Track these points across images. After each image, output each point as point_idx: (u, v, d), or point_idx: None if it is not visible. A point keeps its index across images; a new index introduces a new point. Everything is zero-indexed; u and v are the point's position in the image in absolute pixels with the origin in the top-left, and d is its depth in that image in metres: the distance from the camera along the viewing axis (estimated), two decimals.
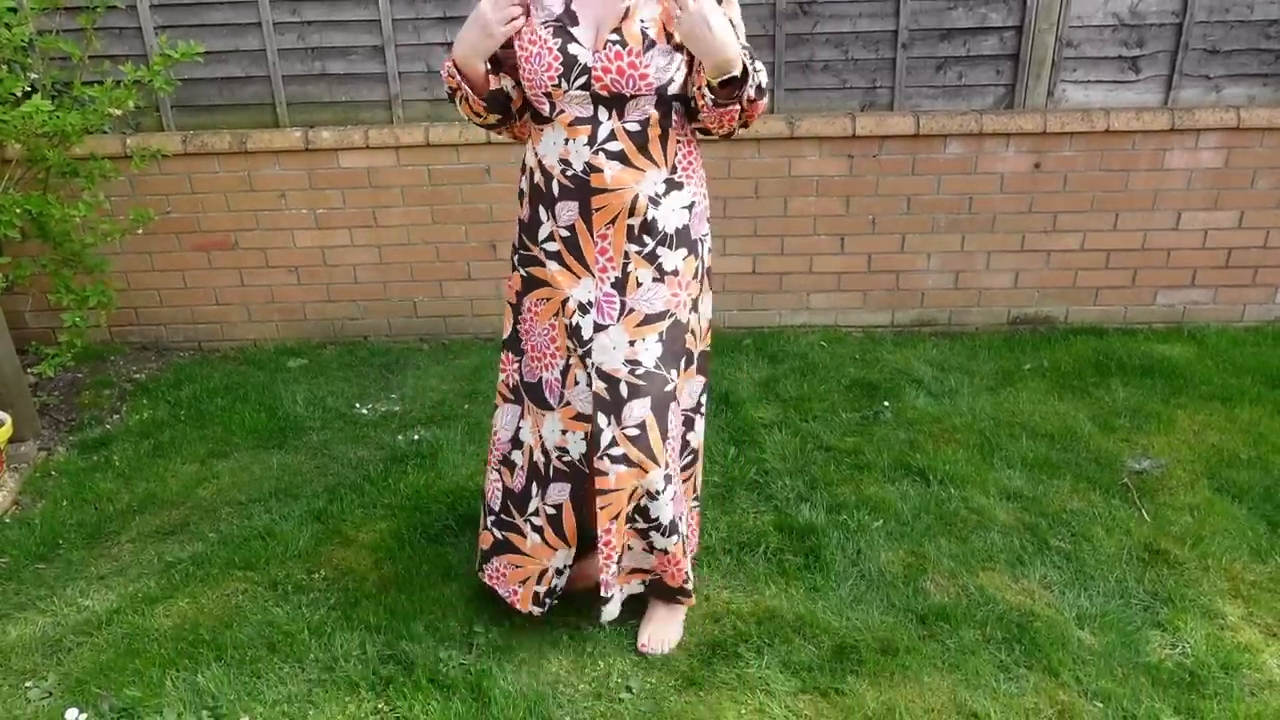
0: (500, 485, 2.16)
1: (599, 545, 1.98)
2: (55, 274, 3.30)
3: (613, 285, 1.87)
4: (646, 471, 1.93)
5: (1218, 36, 3.61)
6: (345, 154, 3.75)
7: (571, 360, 1.94)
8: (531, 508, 2.08)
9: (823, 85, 3.72)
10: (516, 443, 2.11)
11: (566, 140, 1.80)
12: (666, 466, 1.97)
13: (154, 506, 2.85)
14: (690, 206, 1.89)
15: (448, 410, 3.38)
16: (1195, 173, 3.72)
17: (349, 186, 3.81)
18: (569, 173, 1.82)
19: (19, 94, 2.99)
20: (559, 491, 2.04)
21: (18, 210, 3.03)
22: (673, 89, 1.78)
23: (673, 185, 1.86)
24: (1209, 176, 3.72)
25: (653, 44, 1.72)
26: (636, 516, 2.01)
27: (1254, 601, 2.30)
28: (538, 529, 2.08)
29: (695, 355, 2.04)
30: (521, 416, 2.09)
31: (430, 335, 4.06)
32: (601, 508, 1.94)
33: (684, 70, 1.77)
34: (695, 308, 1.97)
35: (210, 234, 3.87)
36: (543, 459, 2.05)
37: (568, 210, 1.85)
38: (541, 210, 1.89)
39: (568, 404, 1.97)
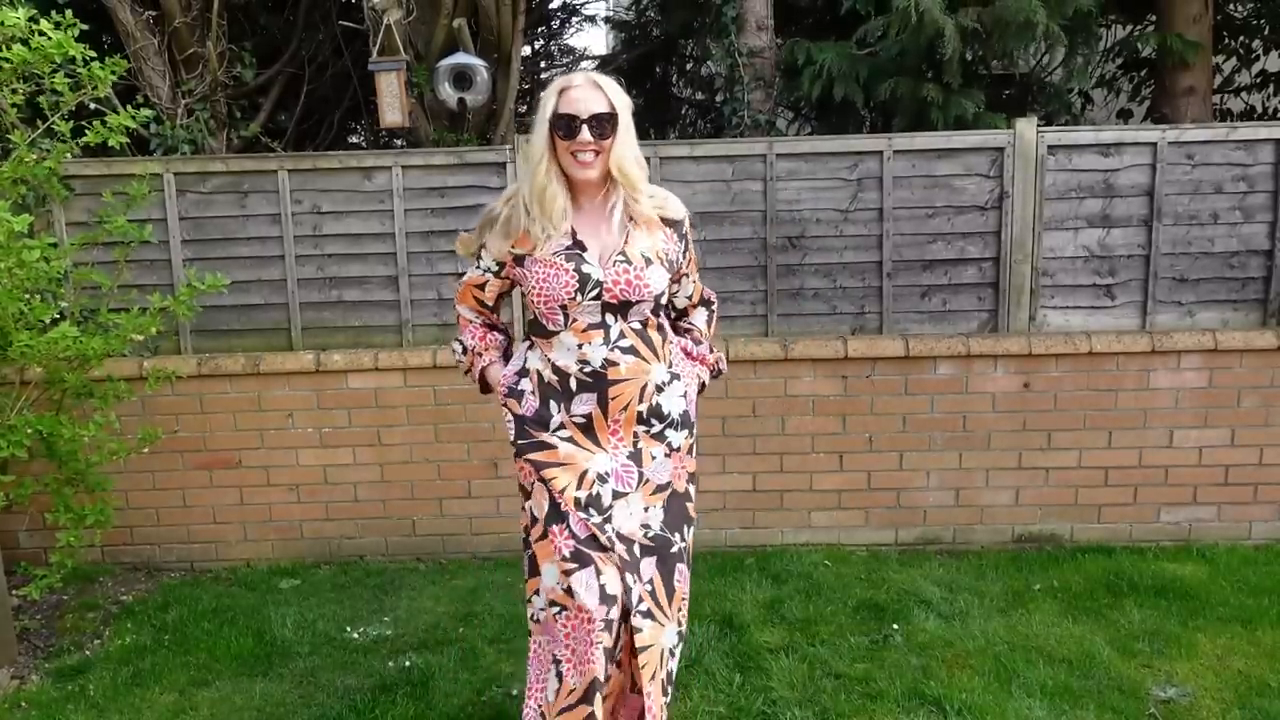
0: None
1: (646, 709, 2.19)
2: (56, 493, 3.30)
3: (628, 458, 2.21)
4: (663, 626, 2.20)
5: (1184, 266, 3.83)
6: (354, 375, 3.87)
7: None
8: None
9: (814, 311, 3.90)
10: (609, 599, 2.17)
11: (580, 344, 2.16)
12: (680, 625, 2.25)
13: None
14: (684, 395, 2.29)
15: (441, 634, 3.26)
16: (1181, 392, 3.81)
17: (355, 406, 3.89)
18: (588, 369, 2.17)
19: (47, 320, 3.13)
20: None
21: (29, 431, 3.08)
22: (663, 298, 2.24)
23: (673, 377, 2.27)
24: (1195, 396, 3.81)
25: (649, 262, 2.16)
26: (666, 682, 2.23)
27: None
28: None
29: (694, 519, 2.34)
30: (598, 574, 2.14)
31: (428, 554, 3.99)
32: (642, 666, 2.17)
33: (667, 283, 2.23)
34: (693, 479, 2.31)
35: (216, 453, 3.90)
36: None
37: (585, 401, 2.19)
38: (553, 404, 2.21)
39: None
